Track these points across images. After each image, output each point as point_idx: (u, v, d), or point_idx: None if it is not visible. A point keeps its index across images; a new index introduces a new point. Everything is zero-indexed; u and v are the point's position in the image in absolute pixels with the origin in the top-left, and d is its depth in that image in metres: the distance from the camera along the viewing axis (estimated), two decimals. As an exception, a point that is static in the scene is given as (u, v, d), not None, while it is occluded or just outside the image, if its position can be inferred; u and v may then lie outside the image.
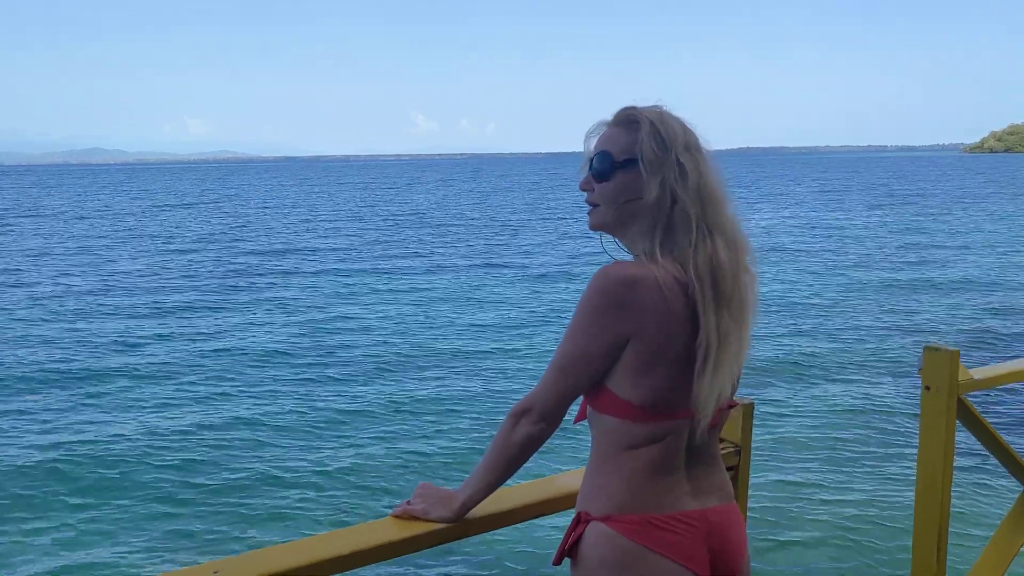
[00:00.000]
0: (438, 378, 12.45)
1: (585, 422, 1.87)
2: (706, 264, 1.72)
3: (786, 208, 46.71)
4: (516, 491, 2.02)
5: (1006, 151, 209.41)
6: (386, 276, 22.84)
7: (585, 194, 1.88)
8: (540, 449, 1.82)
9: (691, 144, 1.79)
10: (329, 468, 8.94)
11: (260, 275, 23.23)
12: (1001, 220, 37.59)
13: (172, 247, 31.40)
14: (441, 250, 28.94)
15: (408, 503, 1.89)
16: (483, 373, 12.73)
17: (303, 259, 26.96)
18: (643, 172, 1.76)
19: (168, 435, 9.99)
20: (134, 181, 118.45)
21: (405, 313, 17.56)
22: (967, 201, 50.04)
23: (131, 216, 48.09)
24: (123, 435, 9.92)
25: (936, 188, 66.69)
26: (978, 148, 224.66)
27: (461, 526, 1.88)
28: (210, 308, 18.45)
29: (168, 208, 55.65)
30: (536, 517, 2.01)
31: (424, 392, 11.72)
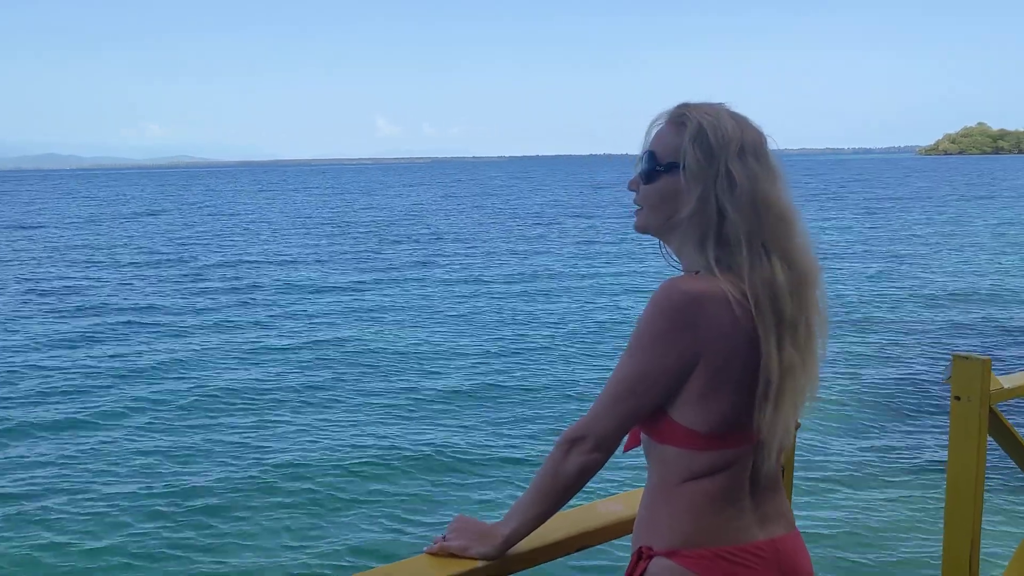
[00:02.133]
0: (471, 401, 11.68)
1: (636, 449, 1.73)
2: (764, 287, 1.56)
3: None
4: (557, 522, 1.85)
5: (960, 153, 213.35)
6: (409, 290, 21.89)
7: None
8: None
9: (749, 149, 1.62)
10: (356, 500, 8.34)
11: (276, 286, 22.36)
12: (1011, 224, 37.14)
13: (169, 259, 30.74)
14: (466, 262, 27.63)
15: (444, 538, 1.73)
16: (523, 394, 11.96)
17: (296, 272, 25.95)
18: (683, 180, 1.62)
19: (192, 466, 9.43)
20: (88, 187, 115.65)
21: (438, 329, 16.79)
22: (971, 203, 49.62)
23: (81, 226, 46.79)
24: (116, 474, 9.27)
25: (929, 190, 65.91)
26: (933, 150, 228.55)
27: (502, 563, 1.72)
28: (215, 325, 17.86)
29: (141, 216, 54.26)
30: (580, 549, 1.87)
31: (458, 418, 10.94)
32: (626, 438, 1.71)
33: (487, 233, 36.90)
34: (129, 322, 17.74)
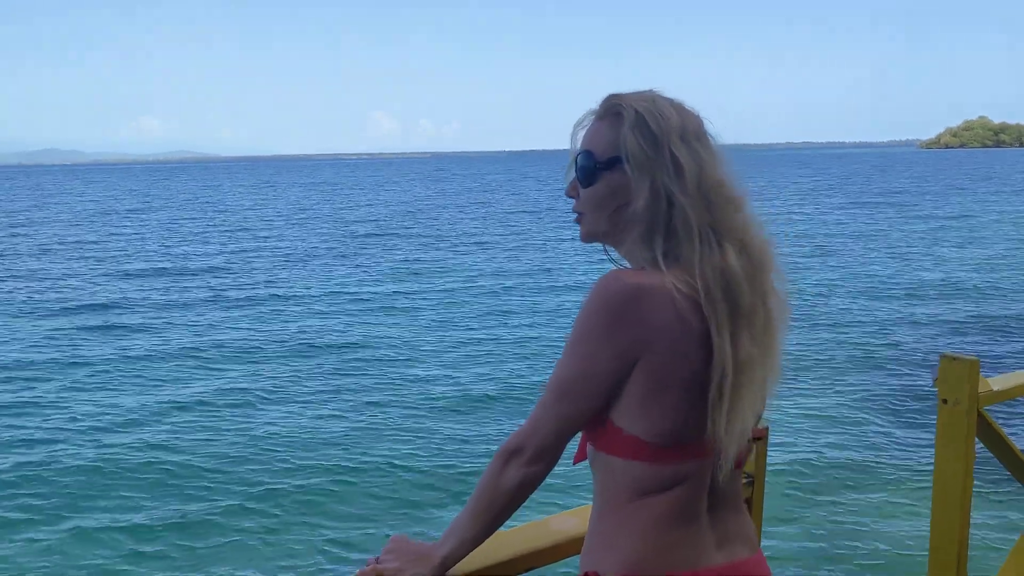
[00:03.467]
0: (412, 409, 11.03)
1: (585, 462, 1.59)
2: (716, 276, 1.43)
3: (771, 207, 45.50)
4: (503, 540, 1.71)
5: (961, 146, 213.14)
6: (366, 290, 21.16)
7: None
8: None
9: (689, 132, 1.50)
10: (283, 516, 7.81)
11: (242, 289, 21.65)
12: (1008, 219, 36.01)
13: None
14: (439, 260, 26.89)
15: (378, 560, 1.60)
16: (466, 403, 11.29)
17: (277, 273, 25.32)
18: (629, 172, 1.49)
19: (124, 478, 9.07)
20: (89, 183, 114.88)
21: (395, 328, 16.18)
22: (965, 199, 48.34)
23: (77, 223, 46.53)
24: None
25: (924, 184, 64.35)
26: (934, 144, 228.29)
27: (440, 586, 1.58)
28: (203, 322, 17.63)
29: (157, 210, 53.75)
30: (528, 570, 1.72)
31: (397, 427, 10.30)
32: (575, 448, 1.58)
33: (485, 232, 36.26)
34: (121, 321, 17.64)
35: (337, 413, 10.94)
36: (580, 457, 1.59)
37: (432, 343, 15.06)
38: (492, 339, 15.32)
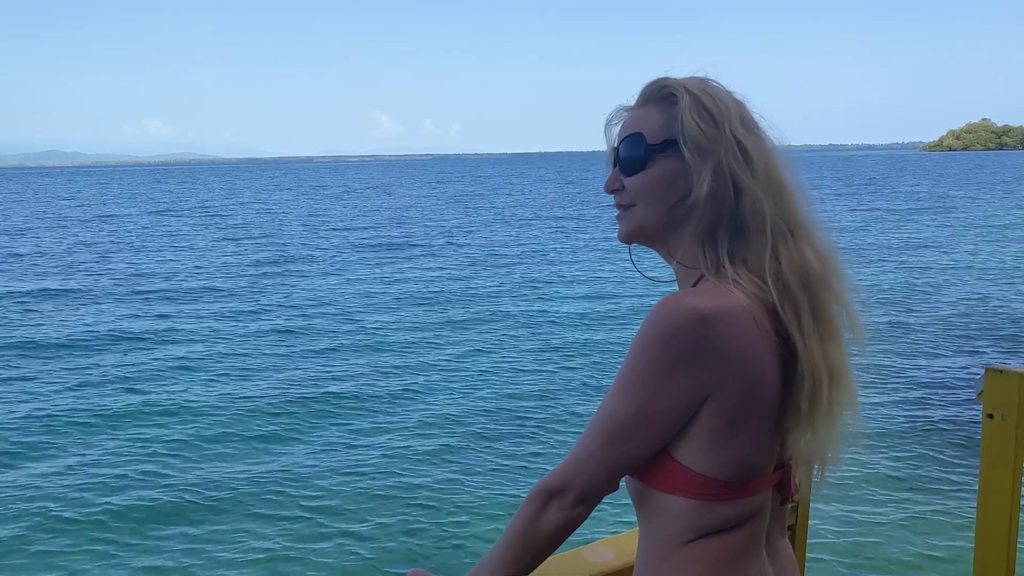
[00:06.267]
0: (439, 436, 10.25)
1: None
2: (795, 274, 1.28)
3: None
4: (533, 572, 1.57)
5: (964, 149, 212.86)
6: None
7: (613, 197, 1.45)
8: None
9: (747, 119, 1.35)
10: (296, 544, 7.41)
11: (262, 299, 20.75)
12: None
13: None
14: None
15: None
16: (494, 425, 10.61)
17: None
18: (687, 156, 1.32)
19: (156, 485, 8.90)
20: (92, 184, 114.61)
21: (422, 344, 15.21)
22: (999, 202, 46.76)
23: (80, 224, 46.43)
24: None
25: (953, 189, 62.31)
26: (937, 146, 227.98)
27: (465, 629, 1.44)
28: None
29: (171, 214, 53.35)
30: (561, 609, 1.58)
31: (423, 457, 9.53)
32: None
33: (495, 237, 35.16)
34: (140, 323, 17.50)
35: (350, 439, 10.36)
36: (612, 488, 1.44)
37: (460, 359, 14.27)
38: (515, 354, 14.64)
